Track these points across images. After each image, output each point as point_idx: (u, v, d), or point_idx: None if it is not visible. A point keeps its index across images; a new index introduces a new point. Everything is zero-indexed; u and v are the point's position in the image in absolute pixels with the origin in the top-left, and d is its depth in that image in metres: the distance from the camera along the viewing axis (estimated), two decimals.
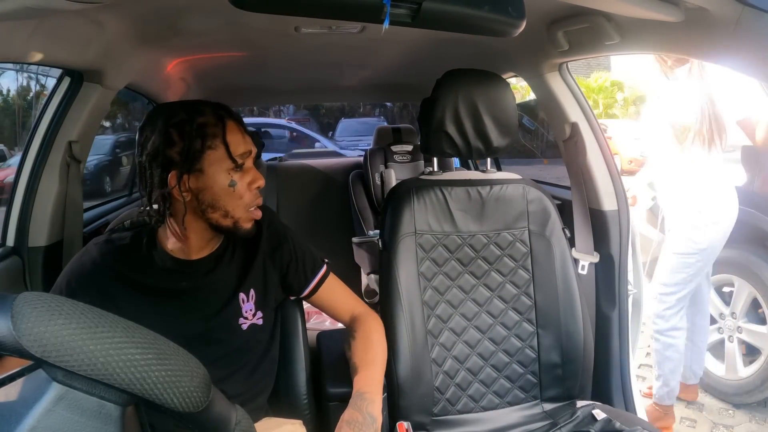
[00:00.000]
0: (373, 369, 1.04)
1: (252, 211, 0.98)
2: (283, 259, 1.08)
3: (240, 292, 1.02)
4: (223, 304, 1.01)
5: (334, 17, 0.80)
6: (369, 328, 1.10)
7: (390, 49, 1.85)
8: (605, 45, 1.26)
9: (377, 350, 1.08)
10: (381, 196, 2.87)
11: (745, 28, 0.87)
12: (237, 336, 1.02)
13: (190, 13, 1.33)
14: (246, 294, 1.03)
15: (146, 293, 0.96)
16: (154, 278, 0.97)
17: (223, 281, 1.02)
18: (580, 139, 1.59)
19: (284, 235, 1.09)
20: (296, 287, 1.11)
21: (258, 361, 1.06)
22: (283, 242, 1.08)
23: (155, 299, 0.97)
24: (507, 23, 0.83)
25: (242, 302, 1.02)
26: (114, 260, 0.97)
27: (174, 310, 0.97)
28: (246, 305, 1.03)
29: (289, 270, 1.08)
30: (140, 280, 0.96)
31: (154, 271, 0.98)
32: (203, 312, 0.99)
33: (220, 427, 0.52)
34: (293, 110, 15.47)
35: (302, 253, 1.10)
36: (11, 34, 0.99)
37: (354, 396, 0.99)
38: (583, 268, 1.57)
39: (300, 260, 1.10)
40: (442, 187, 1.31)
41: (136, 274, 0.97)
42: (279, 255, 1.07)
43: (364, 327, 1.10)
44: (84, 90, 1.40)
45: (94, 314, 0.47)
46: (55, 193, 1.40)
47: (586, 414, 1.24)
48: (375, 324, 1.12)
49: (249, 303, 1.03)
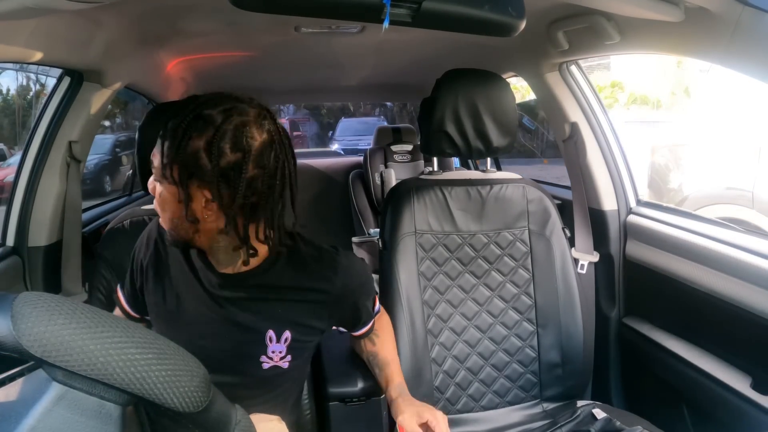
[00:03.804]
0: (398, 363, 1.09)
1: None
2: (341, 312, 0.98)
3: (270, 330, 0.90)
4: (248, 332, 0.90)
5: (334, 17, 0.80)
6: (385, 326, 1.12)
7: (390, 49, 1.85)
8: (605, 45, 1.26)
9: (395, 344, 1.13)
10: (381, 196, 2.87)
11: (745, 28, 0.87)
12: (254, 370, 0.91)
13: (190, 13, 1.33)
14: (277, 334, 0.90)
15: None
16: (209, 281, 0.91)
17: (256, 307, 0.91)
18: (580, 139, 1.59)
19: (357, 292, 0.98)
20: (342, 327, 1.06)
21: (276, 394, 0.96)
22: (351, 299, 0.97)
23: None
24: (507, 23, 0.83)
25: (269, 341, 0.90)
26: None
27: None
28: (274, 346, 0.90)
29: (339, 320, 1.01)
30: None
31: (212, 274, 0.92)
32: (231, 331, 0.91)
33: (220, 426, 0.52)
34: (293, 110, 15.47)
35: (362, 308, 1.01)
36: (11, 34, 0.99)
37: (398, 387, 1.02)
38: (582, 268, 1.57)
39: (354, 315, 1.01)
40: (442, 187, 1.31)
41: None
42: (339, 308, 0.96)
43: (381, 326, 1.11)
44: (84, 90, 1.40)
45: (93, 314, 0.47)
46: (55, 193, 1.40)
47: (586, 413, 1.24)
48: (387, 320, 1.15)
49: (279, 344, 0.90)
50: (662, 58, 7.74)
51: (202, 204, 0.78)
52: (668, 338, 1.40)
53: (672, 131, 5.71)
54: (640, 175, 4.29)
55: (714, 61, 1.01)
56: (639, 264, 1.52)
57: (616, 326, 1.60)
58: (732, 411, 1.15)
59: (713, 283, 1.23)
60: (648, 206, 1.59)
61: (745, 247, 1.17)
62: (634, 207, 1.60)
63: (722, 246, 1.23)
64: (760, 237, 1.20)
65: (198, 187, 0.77)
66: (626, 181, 1.61)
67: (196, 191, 0.78)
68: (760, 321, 1.10)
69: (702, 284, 1.26)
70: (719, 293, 1.21)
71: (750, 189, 3.56)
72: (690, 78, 8.00)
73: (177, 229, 0.83)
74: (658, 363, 1.41)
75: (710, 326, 1.28)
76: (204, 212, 0.79)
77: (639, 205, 1.60)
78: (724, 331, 1.23)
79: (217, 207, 0.78)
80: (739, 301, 1.16)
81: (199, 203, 0.78)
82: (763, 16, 0.85)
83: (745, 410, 1.12)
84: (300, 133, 12.98)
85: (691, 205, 3.76)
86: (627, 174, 1.62)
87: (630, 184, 1.62)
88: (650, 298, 1.51)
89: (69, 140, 1.40)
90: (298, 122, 14.13)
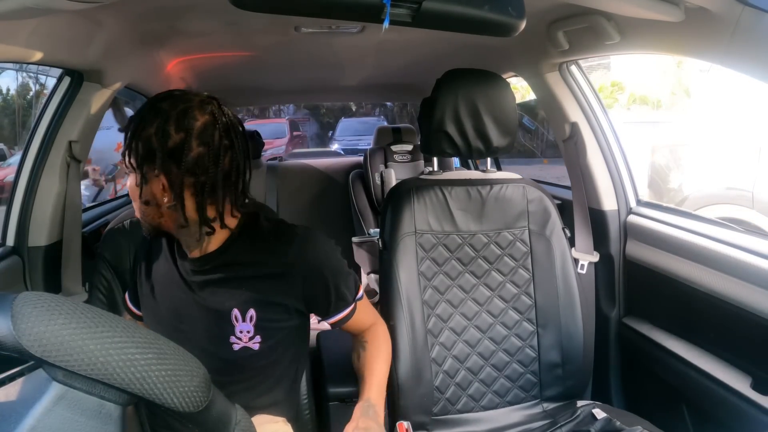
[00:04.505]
0: (381, 378, 1.05)
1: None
2: (310, 291, 0.95)
3: (234, 309, 0.91)
4: (216, 314, 0.92)
5: (334, 17, 0.80)
6: (379, 338, 1.10)
7: (390, 49, 1.85)
8: (605, 45, 1.26)
9: (386, 360, 1.09)
10: (381, 196, 2.87)
11: (745, 28, 0.87)
12: (226, 352, 0.92)
13: (190, 13, 1.33)
14: (242, 312, 0.91)
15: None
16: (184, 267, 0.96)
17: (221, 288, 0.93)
18: (580, 139, 1.59)
19: (320, 268, 0.95)
20: (317, 314, 1.02)
21: (253, 382, 0.96)
22: (317, 275, 0.95)
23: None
24: (507, 23, 0.83)
25: (235, 320, 0.91)
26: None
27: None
28: (241, 325, 0.92)
29: (311, 302, 0.97)
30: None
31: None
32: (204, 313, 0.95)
33: (220, 426, 0.52)
34: (293, 110, 15.48)
35: (333, 290, 0.97)
36: (11, 34, 0.99)
37: (364, 403, 0.99)
38: (582, 268, 1.57)
39: (326, 297, 0.98)
40: (442, 187, 1.31)
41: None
42: (307, 286, 0.94)
43: (374, 337, 1.09)
44: (84, 90, 1.40)
45: (93, 314, 0.47)
46: (56, 193, 1.40)
47: (586, 413, 1.24)
48: (384, 333, 1.12)
49: (246, 323, 0.92)
50: (662, 58, 7.75)
51: (160, 187, 0.84)
52: (668, 338, 1.40)
53: (672, 131, 5.71)
54: (640, 175, 4.29)
55: (714, 61, 1.01)
56: (639, 264, 1.52)
57: (616, 326, 1.60)
58: (732, 411, 1.15)
59: (713, 283, 1.23)
60: (648, 206, 1.59)
61: (745, 247, 1.17)
62: (634, 207, 1.60)
63: (722, 246, 1.23)
64: (760, 237, 1.20)
65: (153, 170, 0.84)
66: (626, 181, 1.61)
67: (152, 175, 0.84)
68: (760, 321, 1.10)
69: (702, 284, 1.26)
70: (719, 293, 1.21)
71: (750, 189, 3.56)
72: (690, 78, 8.00)
73: (144, 216, 0.90)
74: (658, 363, 1.41)
75: (710, 326, 1.28)
76: (161, 194, 0.85)
77: (639, 205, 1.60)
78: (724, 331, 1.23)
79: (169, 187, 0.84)
80: (739, 301, 1.16)
81: (157, 186, 0.85)
82: (763, 16, 0.85)
83: (745, 410, 1.12)
84: (300, 133, 12.98)
85: (692, 205, 3.76)
86: (627, 174, 1.62)
87: (630, 184, 1.62)
88: (650, 298, 1.51)
89: (69, 140, 1.41)
90: (298, 122, 14.14)
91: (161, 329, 0.95)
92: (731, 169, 3.88)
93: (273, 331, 0.94)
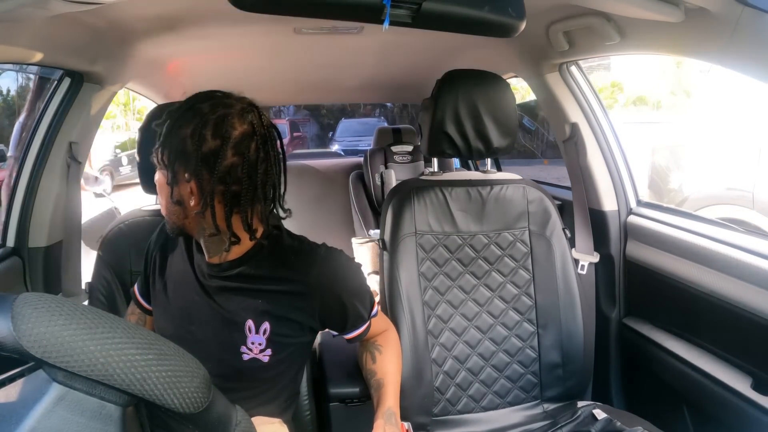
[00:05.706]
0: (397, 386, 1.05)
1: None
2: (327, 311, 0.95)
3: (249, 320, 0.91)
4: (229, 322, 0.92)
5: (334, 17, 0.80)
6: (393, 344, 1.11)
7: (390, 49, 1.85)
8: (605, 45, 1.26)
9: (399, 366, 1.10)
10: (381, 197, 2.87)
11: (745, 28, 0.87)
12: (235, 361, 0.92)
13: (190, 13, 1.33)
14: (256, 324, 0.91)
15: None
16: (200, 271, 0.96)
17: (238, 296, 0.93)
18: (580, 140, 1.59)
19: (340, 291, 0.95)
20: (332, 329, 1.02)
21: (256, 392, 0.96)
22: (335, 298, 0.94)
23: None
24: (507, 23, 0.83)
25: (248, 331, 0.91)
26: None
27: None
28: (254, 336, 0.91)
29: (327, 320, 0.97)
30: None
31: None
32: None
33: (220, 427, 0.52)
34: (293, 111, 15.48)
35: (351, 310, 0.97)
36: (12, 36, 0.99)
37: (386, 411, 0.99)
38: (582, 268, 1.57)
39: (343, 317, 0.98)
40: (443, 188, 1.31)
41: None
42: (324, 307, 0.94)
43: (387, 342, 1.10)
44: (84, 91, 1.40)
45: (94, 315, 0.47)
46: (56, 194, 1.40)
47: (586, 414, 1.24)
48: (396, 339, 1.13)
49: (258, 335, 0.91)
50: (662, 59, 7.74)
51: (188, 190, 0.83)
52: (668, 338, 1.40)
53: (672, 132, 5.71)
54: (641, 176, 4.29)
55: (714, 61, 1.01)
56: (639, 264, 1.52)
57: (617, 327, 1.60)
58: (732, 411, 1.15)
59: (713, 283, 1.23)
60: (648, 207, 1.59)
61: (745, 247, 1.17)
62: (635, 207, 1.60)
63: (722, 246, 1.23)
64: (760, 237, 1.20)
65: (183, 171, 0.82)
66: (626, 182, 1.61)
67: (182, 175, 0.83)
68: (760, 321, 1.10)
69: (702, 284, 1.26)
70: (719, 293, 1.21)
71: (750, 189, 3.56)
72: (690, 78, 8.00)
73: (169, 214, 0.89)
74: (658, 363, 1.41)
75: (711, 327, 1.28)
76: (189, 197, 0.84)
77: (639, 206, 1.60)
78: (724, 331, 1.23)
79: (198, 190, 0.83)
80: (739, 301, 1.16)
81: (185, 187, 0.84)
82: (763, 16, 0.85)
83: (745, 411, 1.12)
84: (300, 133, 12.99)
85: (692, 206, 3.76)
86: (627, 174, 1.62)
87: (630, 184, 1.62)
88: (650, 298, 1.51)
89: (69, 141, 1.41)
90: (299, 123, 14.15)
91: (171, 328, 0.96)
92: (731, 170, 3.88)
93: (284, 345, 0.93)
